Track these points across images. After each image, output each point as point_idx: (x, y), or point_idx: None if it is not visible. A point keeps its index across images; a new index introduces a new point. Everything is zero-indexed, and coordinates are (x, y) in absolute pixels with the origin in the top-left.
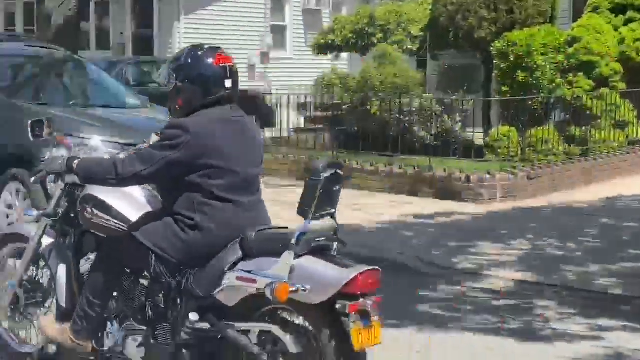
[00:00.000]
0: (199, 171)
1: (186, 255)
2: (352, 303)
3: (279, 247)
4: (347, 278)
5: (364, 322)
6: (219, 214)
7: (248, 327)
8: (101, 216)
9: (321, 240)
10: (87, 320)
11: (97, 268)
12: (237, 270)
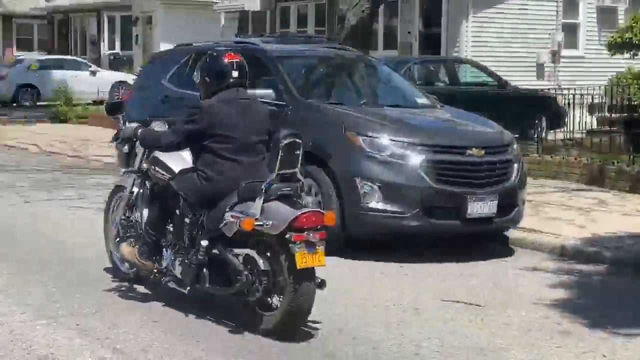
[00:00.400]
0: (210, 138)
1: (200, 198)
2: (296, 234)
3: (255, 195)
4: (293, 216)
5: (309, 249)
6: (224, 170)
7: (239, 252)
8: (157, 170)
9: (286, 190)
10: (147, 246)
11: (153, 207)
12: (233, 210)
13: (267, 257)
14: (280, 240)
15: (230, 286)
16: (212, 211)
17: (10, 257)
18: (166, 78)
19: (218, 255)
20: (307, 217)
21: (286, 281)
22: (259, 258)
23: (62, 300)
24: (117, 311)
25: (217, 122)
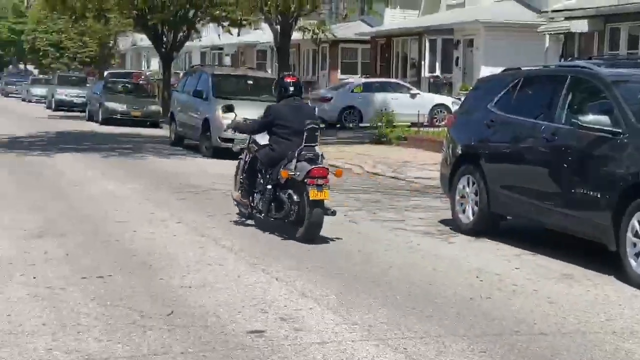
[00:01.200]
0: (274, 126)
1: (268, 161)
2: (310, 179)
3: (292, 158)
4: (308, 169)
5: (318, 188)
6: (282, 145)
7: (286, 192)
8: (252, 145)
9: (310, 155)
10: (245, 190)
11: (249, 168)
12: (284, 168)
13: (299, 194)
14: (303, 183)
15: (281, 212)
16: (275, 169)
17: (343, 274)
18: (492, 102)
19: (277, 195)
20: (316, 170)
21: (305, 207)
22: (294, 194)
23: (390, 322)
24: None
25: (278, 116)
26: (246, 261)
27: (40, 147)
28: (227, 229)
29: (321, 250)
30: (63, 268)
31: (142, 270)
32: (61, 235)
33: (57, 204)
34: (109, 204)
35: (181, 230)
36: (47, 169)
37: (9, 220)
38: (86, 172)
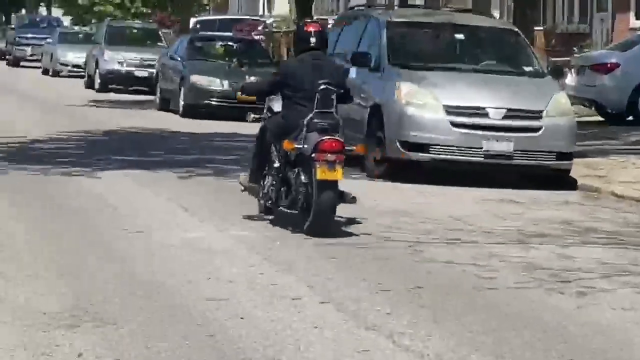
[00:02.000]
0: (285, 88)
1: (278, 131)
2: (318, 154)
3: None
4: (316, 141)
5: (329, 165)
6: (294, 111)
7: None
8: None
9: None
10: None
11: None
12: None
13: (307, 173)
14: (311, 159)
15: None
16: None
17: None
18: None
19: (285, 175)
20: (327, 142)
21: (312, 189)
22: (302, 173)
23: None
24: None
25: (290, 76)
26: None
27: (75, 160)
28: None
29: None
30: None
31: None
32: (111, 323)
33: (103, 266)
34: (198, 266)
35: (330, 313)
36: (85, 200)
37: (17, 294)
38: (156, 205)
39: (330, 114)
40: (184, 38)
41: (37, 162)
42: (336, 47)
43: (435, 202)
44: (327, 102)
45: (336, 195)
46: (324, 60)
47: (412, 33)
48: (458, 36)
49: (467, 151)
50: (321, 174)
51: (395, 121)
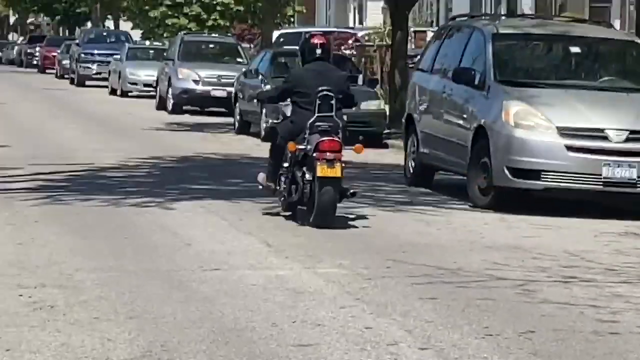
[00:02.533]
0: (294, 94)
1: (287, 134)
2: (317, 154)
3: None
4: (317, 142)
5: (328, 164)
6: (301, 115)
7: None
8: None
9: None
10: (270, 173)
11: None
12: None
13: (310, 171)
14: (313, 158)
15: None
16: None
17: None
18: None
19: (294, 174)
20: (326, 143)
21: (315, 186)
22: (307, 172)
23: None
24: None
25: (298, 83)
26: None
27: (146, 190)
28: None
29: None
30: None
31: None
32: None
33: (176, 307)
34: (282, 308)
35: None
36: (158, 234)
37: (83, 338)
38: (235, 239)
39: (330, 117)
40: (266, 53)
41: (105, 192)
42: (436, 62)
43: (548, 235)
44: (327, 107)
45: (336, 191)
46: (328, 68)
47: (521, 46)
48: (573, 49)
49: (584, 178)
50: (321, 171)
51: (502, 145)
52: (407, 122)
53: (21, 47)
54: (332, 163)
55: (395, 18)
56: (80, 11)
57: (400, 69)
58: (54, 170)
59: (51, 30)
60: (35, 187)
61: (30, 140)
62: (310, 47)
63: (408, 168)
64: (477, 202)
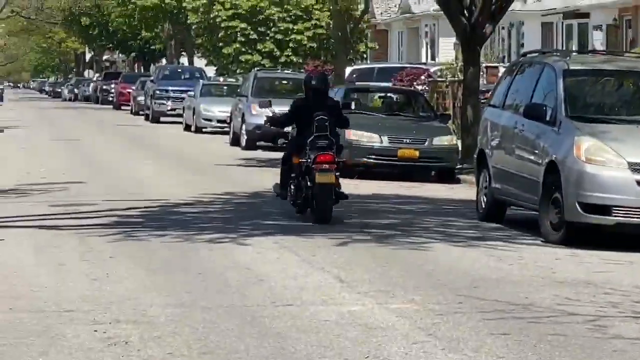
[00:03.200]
0: (298, 119)
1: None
2: (315, 165)
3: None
4: (314, 155)
5: (324, 173)
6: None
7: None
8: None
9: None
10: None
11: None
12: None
13: (310, 179)
14: (312, 169)
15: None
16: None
17: None
18: None
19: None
20: (322, 156)
21: (314, 191)
22: (308, 180)
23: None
24: None
25: (299, 110)
26: None
27: (219, 225)
28: None
29: None
30: None
31: None
32: None
33: (249, 343)
34: (355, 344)
35: None
36: (231, 269)
37: None
38: (308, 275)
39: (324, 136)
40: (338, 89)
41: (178, 227)
42: (507, 97)
43: (620, 270)
44: (322, 128)
45: (331, 194)
46: (323, 97)
47: (592, 82)
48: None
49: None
50: (319, 178)
51: (574, 180)
52: (479, 157)
53: (97, 83)
54: (327, 172)
55: (467, 54)
56: (155, 48)
57: (472, 105)
58: (128, 206)
59: (126, 67)
60: (110, 223)
61: (105, 176)
62: (307, 78)
63: (480, 203)
64: (548, 237)
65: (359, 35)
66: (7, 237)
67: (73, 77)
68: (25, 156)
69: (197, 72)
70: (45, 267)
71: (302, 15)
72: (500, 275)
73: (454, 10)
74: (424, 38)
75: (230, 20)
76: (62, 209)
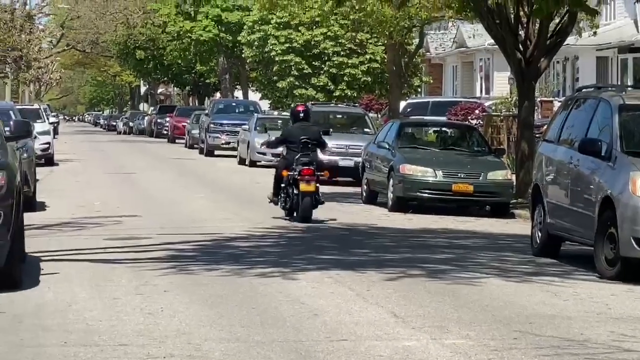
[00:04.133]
0: (287, 142)
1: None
2: (300, 177)
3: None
4: (300, 169)
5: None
6: (291, 154)
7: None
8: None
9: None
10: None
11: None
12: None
13: (296, 188)
14: (297, 180)
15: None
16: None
17: None
18: None
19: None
20: (305, 170)
21: (299, 197)
22: (295, 188)
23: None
24: None
25: (289, 135)
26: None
27: (272, 259)
28: None
29: None
30: None
31: None
32: None
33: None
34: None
35: None
36: (284, 304)
37: None
38: (362, 310)
39: (308, 154)
40: (393, 123)
41: (232, 261)
42: (562, 132)
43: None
44: (306, 149)
45: (312, 200)
46: (307, 126)
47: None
48: None
49: None
50: (302, 187)
51: (629, 216)
52: (534, 192)
53: (151, 117)
54: (309, 182)
55: (522, 88)
56: (210, 81)
57: (527, 139)
58: (182, 240)
59: (181, 100)
60: (164, 257)
61: (159, 210)
62: (295, 113)
63: (535, 238)
64: (604, 273)
65: (413, 69)
66: (62, 270)
67: (128, 110)
68: (80, 189)
69: (252, 106)
70: (100, 300)
71: (356, 50)
72: (556, 310)
73: (509, 44)
74: (479, 72)
75: (285, 54)
76: (117, 242)
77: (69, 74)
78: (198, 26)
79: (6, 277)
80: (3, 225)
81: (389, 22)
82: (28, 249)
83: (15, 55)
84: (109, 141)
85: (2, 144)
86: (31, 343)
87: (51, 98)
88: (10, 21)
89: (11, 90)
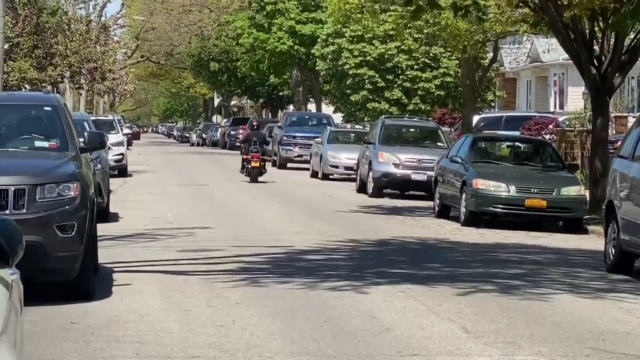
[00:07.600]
0: (248, 141)
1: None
2: (250, 158)
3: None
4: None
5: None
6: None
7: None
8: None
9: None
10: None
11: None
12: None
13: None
14: (249, 159)
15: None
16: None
17: None
18: None
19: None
20: (254, 155)
21: (251, 170)
22: (249, 164)
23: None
24: None
25: (248, 137)
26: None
27: (344, 273)
28: None
29: None
30: None
31: None
32: None
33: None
34: None
35: None
36: (355, 318)
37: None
38: (434, 325)
39: (257, 146)
40: (466, 138)
41: (304, 274)
42: (637, 148)
43: None
44: (256, 144)
45: (258, 172)
46: (258, 132)
47: None
48: None
49: None
50: (252, 164)
51: None
52: (608, 208)
53: (225, 129)
54: (256, 161)
55: (596, 103)
56: (283, 94)
57: (600, 155)
58: (254, 252)
59: (254, 113)
60: (237, 269)
61: (232, 222)
62: (253, 125)
63: (608, 254)
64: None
65: (487, 84)
66: (134, 281)
67: (201, 122)
68: (152, 200)
69: (325, 119)
70: (172, 312)
71: (430, 63)
72: (629, 328)
73: (583, 60)
74: (553, 87)
75: (358, 68)
76: (189, 254)
77: (143, 85)
78: (272, 37)
79: (79, 288)
80: (76, 235)
81: (463, 36)
82: (101, 259)
83: (90, 66)
84: (182, 152)
85: (77, 155)
86: (104, 354)
87: (125, 109)
88: (86, 32)
89: (86, 101)
